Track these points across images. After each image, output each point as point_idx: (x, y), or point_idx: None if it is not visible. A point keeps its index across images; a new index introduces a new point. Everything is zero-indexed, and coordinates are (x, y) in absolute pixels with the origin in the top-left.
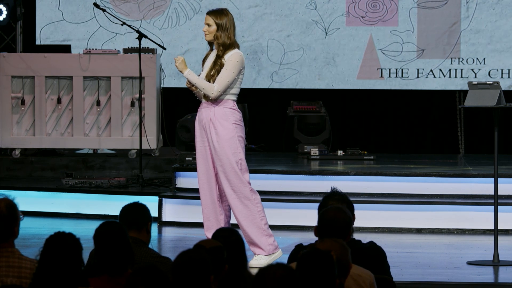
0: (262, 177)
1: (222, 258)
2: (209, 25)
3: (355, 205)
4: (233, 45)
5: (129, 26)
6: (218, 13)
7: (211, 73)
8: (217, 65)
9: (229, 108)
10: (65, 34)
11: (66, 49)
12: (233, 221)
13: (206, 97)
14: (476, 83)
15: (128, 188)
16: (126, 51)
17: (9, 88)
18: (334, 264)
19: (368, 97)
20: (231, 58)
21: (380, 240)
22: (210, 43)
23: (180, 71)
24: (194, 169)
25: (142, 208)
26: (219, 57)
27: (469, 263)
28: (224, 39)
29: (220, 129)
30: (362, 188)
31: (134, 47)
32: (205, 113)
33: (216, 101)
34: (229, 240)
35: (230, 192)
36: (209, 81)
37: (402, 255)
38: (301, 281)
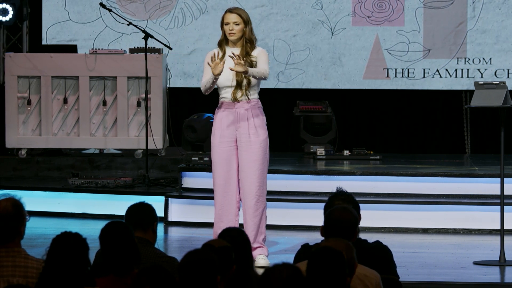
0: (268, 177)
1: (230, 258)
2: (236, 23)
3: (361, 205)
4: (255, 41)
5: (135, 26)
6: (241, 10)
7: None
8: (247, 63)
9: (260, 107)
10: (71, 34)
11: (72, 49)
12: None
13: (235, 97)
14: (482, 83)
15: (134, 188)
16: (132, 51)
17: (15, 88)
18: (345, 262)
19: (374, 97)
20: (262, 53)
21: (386, 240)
22: (221, 44)
23: (245, 71)
24: (200, 169)
25: (148, 208)
26: (248, 54)
27: (475, 263)
28: (250, 35)
29: (259, 129)
30: (368, 188)
31: (140, 47)
32: (240, 113)
33: (249, 100)
34: (236, 240)
35: (254, 193)
36: (241, 81)
37: (408, 255)
38: (312, 279)
